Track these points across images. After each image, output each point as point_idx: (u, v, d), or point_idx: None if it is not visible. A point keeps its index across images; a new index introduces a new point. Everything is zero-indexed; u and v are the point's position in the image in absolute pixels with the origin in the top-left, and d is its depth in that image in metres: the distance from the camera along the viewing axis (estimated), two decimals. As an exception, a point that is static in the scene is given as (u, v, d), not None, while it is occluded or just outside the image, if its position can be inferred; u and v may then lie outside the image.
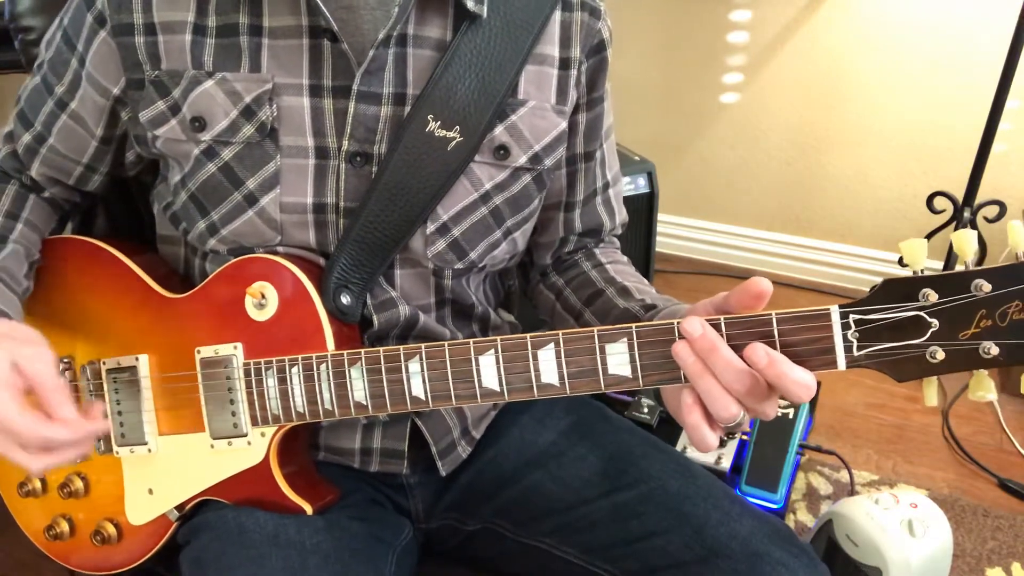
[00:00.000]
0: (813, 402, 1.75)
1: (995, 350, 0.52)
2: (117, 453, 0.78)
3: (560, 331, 0.63)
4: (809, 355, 0.56)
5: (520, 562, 0.84)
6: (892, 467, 1.68)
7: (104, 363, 0.77)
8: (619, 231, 0.93)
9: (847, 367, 0.55)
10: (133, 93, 0.74)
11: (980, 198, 1.90)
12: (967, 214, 1.91)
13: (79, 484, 0.80)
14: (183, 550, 0.75)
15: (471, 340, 0.65)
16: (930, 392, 0.56)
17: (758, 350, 0.55)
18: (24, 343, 0.67)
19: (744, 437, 1.48)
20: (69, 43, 0.76)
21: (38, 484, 0.82)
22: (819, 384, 1.82)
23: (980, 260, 0.57)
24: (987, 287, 0.51)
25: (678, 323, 0.58)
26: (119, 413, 0.77)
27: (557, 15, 0.76)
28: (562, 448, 0.85)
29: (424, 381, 0.67)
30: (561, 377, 0.63)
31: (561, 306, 0.86)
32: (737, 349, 0.56)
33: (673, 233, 2.54)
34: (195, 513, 0.77)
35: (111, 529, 0.80)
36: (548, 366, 0.63)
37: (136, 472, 0.78)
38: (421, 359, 0.66)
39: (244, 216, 0.72)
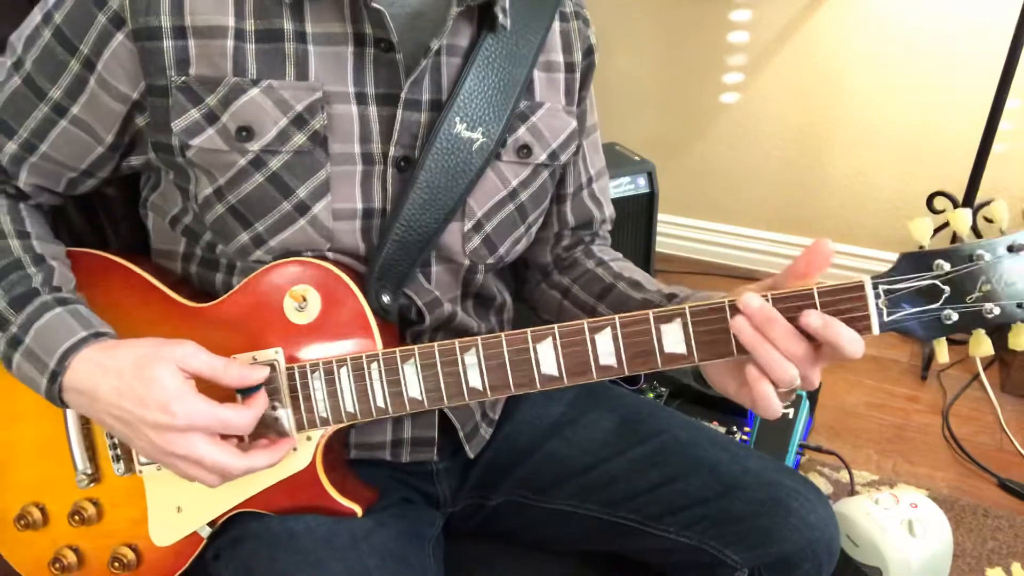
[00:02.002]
0: (813, 402, 1.76)
1: (996, 310, 0.61)
2: (140, 472, 0.75)
3: (616, 315, 0.67)
4: (848, 323, 0.62)
5: (543, 528, 0.89)
6: (892, 467, 1.69)
7: None
8: (609, 225, 0.99)
9: (880, 332, 0.63)
10: (155, 100, 0.70)
11: (980, 198, 1.90)
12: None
13: (92, 510, 0.77)
14: (217, 561, 0.75)
15: (528, 329, 0.68)
16: (941, 350, 0.64)
17: (813, 315, 0.61)
18: (171, 344, 0.68)
19: (744, 437, 1.49)
20: (66, 43, 0.70)
21: (38, 515, 0.78)
22: (819, 384, 1.83)
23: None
24: (987, 256, 0.60)
25: (730, 301, 0.64)
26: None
27: (556, 25, 0.83)
28: (573, 416, 0.90)
29: (482, 372, 0.69)
30: (619, 359, 0.67)
31: (570, 302, 0.90)
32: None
33: (673, 233, 2.54)
34: (228, 525, 0.76)
35: (130, 554, 0.76)
36: (606, 349, 0.67)
37: (162, 490, 0.75)
38: (478, 351, 0.69)
39: (295, 226, 0.72)
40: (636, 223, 1.79)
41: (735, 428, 1.51)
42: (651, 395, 1.60)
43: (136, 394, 0.65)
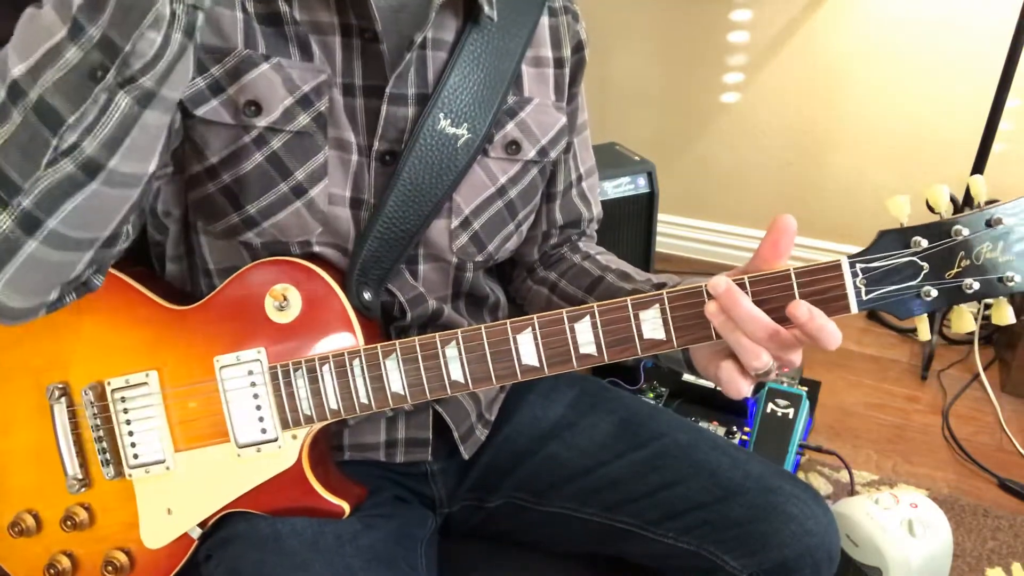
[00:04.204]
0: (813, 402, 1.75)
1: (976, 285, 0.61)
2: (130, 476, 0.75)
3: (595, 304, 0.66)
4: (826, 303, 0.62)
5: (541, 530, 0.89)
6: (892, 467, 1.68)
7: (109, 383, 0.74)
8: (596, 224, 0.98)
9: (858, 310, 0.62)
10: None
11: (980, 198, 1.90)
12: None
13: (83, 515, 0.76)
14: (208, 562, 0.75)
15: (507, 320, 0.68)
16: (923, 327, 0.65)
17: (801, 307, 0.60)
18: None
19: (744, 437, 1.49)
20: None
21: (31, 522, 0.77)
22: (819, 384, 1.83)
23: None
24: (965, 231, 0.60)
25: (706, 284, 0.63)
26: (130, 433, 0.74)
27: (545, 20, 0.83)
28: (572, 419, 0.90)
29: (463, 364, 0.69)
30: (599, 347, 0.67)
31: (558, 297, 0.89)
32: (764, 303, 0.62)
33: (673, 233, 2.54)
34: (218, 526, 0.76)
35: (123, 558, 0.76)
36: (585, 337, 0.67)
37: (152, 493, 0.75)
38: (458, 344, 0.69)
39: (290, 208, 0.71)
40: (636, 223, 1.79)
41: (735, 429, 1.50)
42: (651, 395, 1.60)
43: None
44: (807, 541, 0.78)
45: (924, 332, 0.65)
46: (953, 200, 2.19)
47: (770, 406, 1.48)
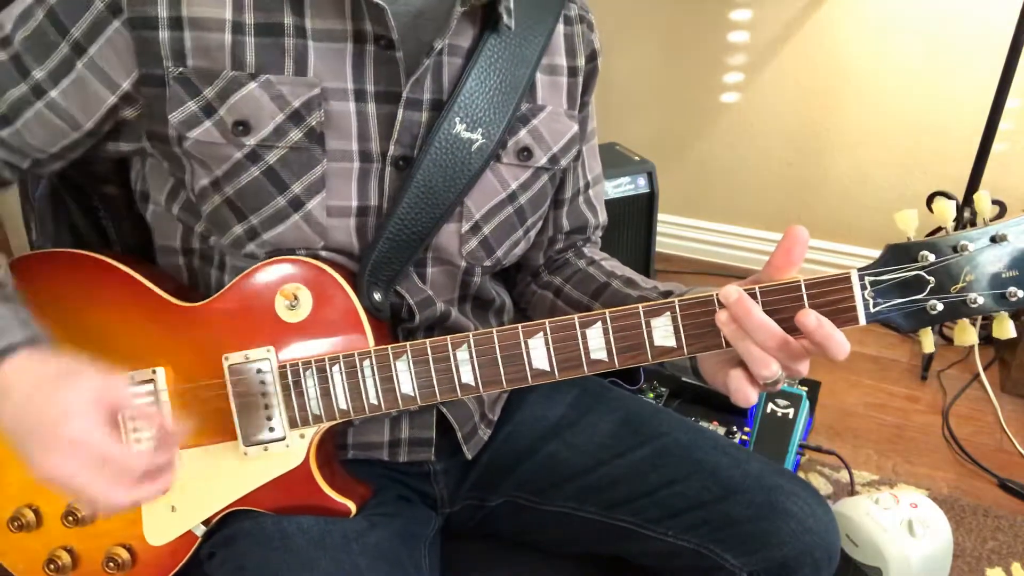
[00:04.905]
0: (813, 402, 1.76)
1: (980, 300, 0.62)
2: None
3: (606, 310, 0.67)
4: (834, 314, 0.63)
5: (541, 530, 0.89)
6: (892, 467, 1.69)
7: None
8: (601, 231, 0.99)
9: (867, 322, 0.63)
10: (149, 90, 0.70)
11: (980, 198, 1.90)
12: (967, 214, 1.91)
13: (85, 511, 0.76)
14: (211, 560, 0.75)
15: (519, 325, 0.68)
16: (927, 340, 0.65)
17: (810, 315, 0.61)
18: (94, 375, 0.65)
19: (744, 437, 1.49)
20: (58, 24, 0.68)
21: (32, 517, 0.77)
22: (819, 384, 1.83)
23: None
24: (971, 247, 0.61)
25: (717, 293, 0.64)
26: (134, 431, 0.74)
27: (560, 28, 0.83)
28: (573, 418, 0.90)
29: (474, 368, 0.70)
30: (610, 352, 0.68)
31: (563, 302, 0.90)
32: (773, 313, 0.63)
33: (673, 233, 2.54)
34: (222, 524, 0.76)
35: (124, 554, 0.76)
36: (597, 343, 0.68)
37: None
38: (470, 347, 0.69)
39: (289, 221, 0.72)
40: (636, 223, 1.80)
41: (735, 428, 1.50)
42: (651, 395, 1.60)
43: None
44: (807, 539, 0.78)
45: (928, 344, 0.65)
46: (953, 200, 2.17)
47: (770, 406, 1.48)
